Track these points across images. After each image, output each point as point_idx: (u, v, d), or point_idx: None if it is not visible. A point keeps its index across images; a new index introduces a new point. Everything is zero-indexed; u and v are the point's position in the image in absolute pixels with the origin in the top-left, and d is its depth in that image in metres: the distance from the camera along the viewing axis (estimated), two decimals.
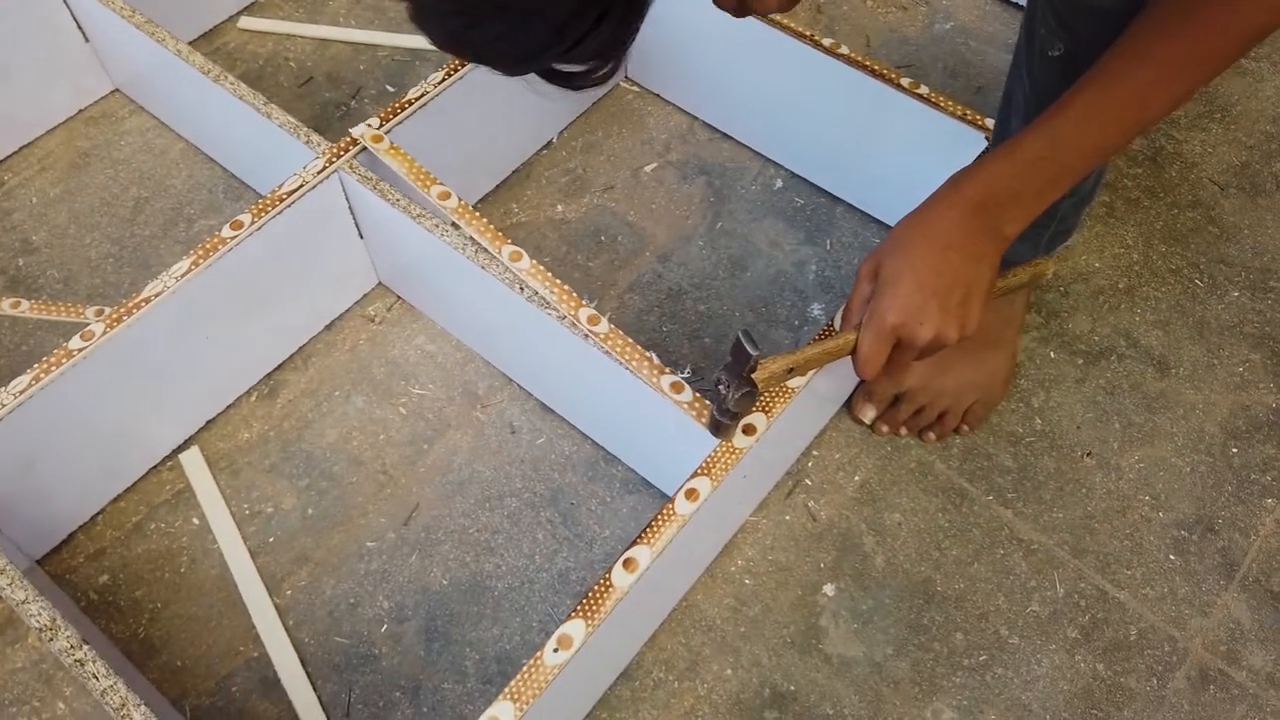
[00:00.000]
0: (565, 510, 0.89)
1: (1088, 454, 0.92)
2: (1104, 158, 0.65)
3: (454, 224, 0.85)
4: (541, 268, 0.81)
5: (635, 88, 1.19)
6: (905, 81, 0.94)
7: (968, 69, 1.21)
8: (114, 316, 0.80)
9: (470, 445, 0.93)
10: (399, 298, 1.02)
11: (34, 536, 0.85)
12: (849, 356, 0.70)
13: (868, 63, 0.95)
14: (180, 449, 0.92)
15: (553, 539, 0.87)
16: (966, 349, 0.89)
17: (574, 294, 0.80)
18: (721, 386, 0.70)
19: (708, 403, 0.76)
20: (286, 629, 0.83)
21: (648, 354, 0.77)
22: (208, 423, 0.94)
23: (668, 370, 0.77)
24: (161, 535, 0.88)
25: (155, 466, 0.91)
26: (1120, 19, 0.62)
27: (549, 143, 1.14)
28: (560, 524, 0.88)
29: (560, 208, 1.09)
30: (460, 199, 0.85)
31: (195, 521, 0.88)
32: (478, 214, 0.84)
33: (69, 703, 0.80)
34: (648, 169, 1.12)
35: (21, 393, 0.76)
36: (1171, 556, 0.86)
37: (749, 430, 0.74)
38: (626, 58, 0.54)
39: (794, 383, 0.77)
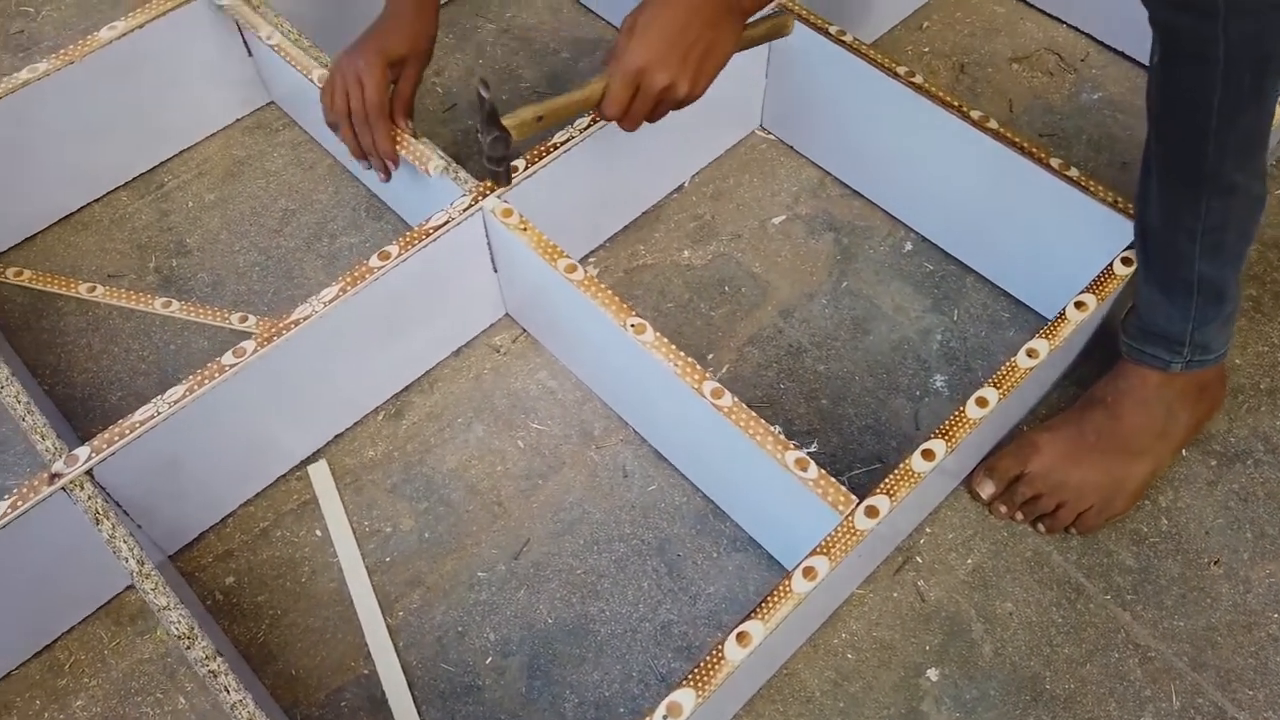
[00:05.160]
0: (671, 561, 0.90)
1: (1215, 562, 0.89)
2: None
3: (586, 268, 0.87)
4: (665, 340, 0.82)
5: (770, 136, 1.19)
6: (1055, 161, 0.92)
7: (1113, 143, 1.17)
8: (265, 335, 0.84)
9: (583, 485, 0.94)
10: (524, 330, 1.05)
11: (169, 533, 0.90)
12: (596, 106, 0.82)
13: (1016, 139, 0.94)
14: (308, 460, 0.96)
15: (657, 589, 0.88)
16: (1105, 449, 0.88)
17: (697, 367, 0.81)
18: (480, 135, 0.83)
19: (806, 456, 0.77)
20: (396, 650, 0.85)
21: (773, 428, 0.77)
22: (336, 437, 0.97)
23: (793, 445, 0.77)
24: (286, 543, 0.92)
25: (284, 475, 0.95)
26: (1186, 34, 0.69)
27: (680, 186, 1.16)
28: (666, 575, 0.89)
29: (687, 253, 1.10)
30: (588, 272, 0.86)
31: (318, 534, 0.92)
32: (604, 286, 0.86)
33: (190, 698, 0.84)
34: (775, 221, 1.13)
35: (176, 402, 0.81)
36: None
37: (872, 512, 0.74)
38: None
39: (919, 465, 0.77)
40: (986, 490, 0.91)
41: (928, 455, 0.77)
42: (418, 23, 0.94)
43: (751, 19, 0.89)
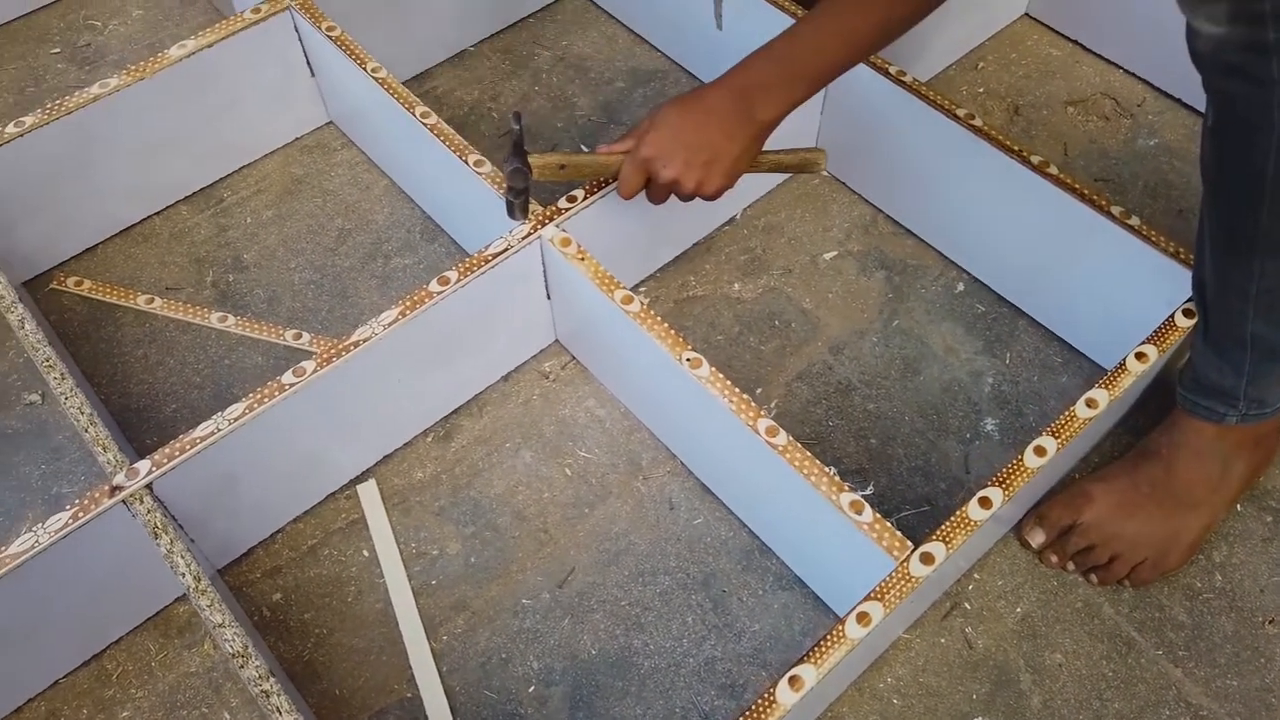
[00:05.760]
0: (716, 597, 0.89)
1: (1270, 621, 0.87)
2: (827, 73, 0.84)
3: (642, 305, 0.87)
4: (720, 376, 0.82)
5: (822, 172, 1.20)
6: (1116, 210, 0.92)
7: (1169, 190, 1.17)
8: (325, 356, 0.85)
9: (629, 515, 0.94)
10: (573, 358, 1.05)
11: (219, 548, 0.91)
12: (613, 178, 0.91)
13: (1077, 185, 0.93)
14: (358, 480, 0.97)
15: (702, 625, 0.88)
16: (1159, 501, 0.87)
17: (752, 404, 0.81)
18: (503, 163, 0.88)
19: (861, 499, 0.76)
20: (440, 675, 0.86)
21: (828, 469, 0.77)
22: (385, 458, 0.98)
23: (848, 487, 0.76)
24: (333, 562, 0.92)
25: (333, 494, 0.96)
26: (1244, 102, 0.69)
27: (732, 218, 1.16)
28: (710, 610, 0.89)
29: (737, 286, 1.10)
30: (643, 304, 0.87)
31: (365, 553, 0.92)
32: (659, 318, 0.86)
33: (235, 714, 0.84)
34: (827, 256, 1.13)
35: (236, 419, 0.82)
36: None
37: (927, 559, 0.74)
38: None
39: (976, 513, 0.76)
40: (1037, 539, 0.90)
41: (985, 503, 0.76)
42: None
43: (788, 149, 0.95)
